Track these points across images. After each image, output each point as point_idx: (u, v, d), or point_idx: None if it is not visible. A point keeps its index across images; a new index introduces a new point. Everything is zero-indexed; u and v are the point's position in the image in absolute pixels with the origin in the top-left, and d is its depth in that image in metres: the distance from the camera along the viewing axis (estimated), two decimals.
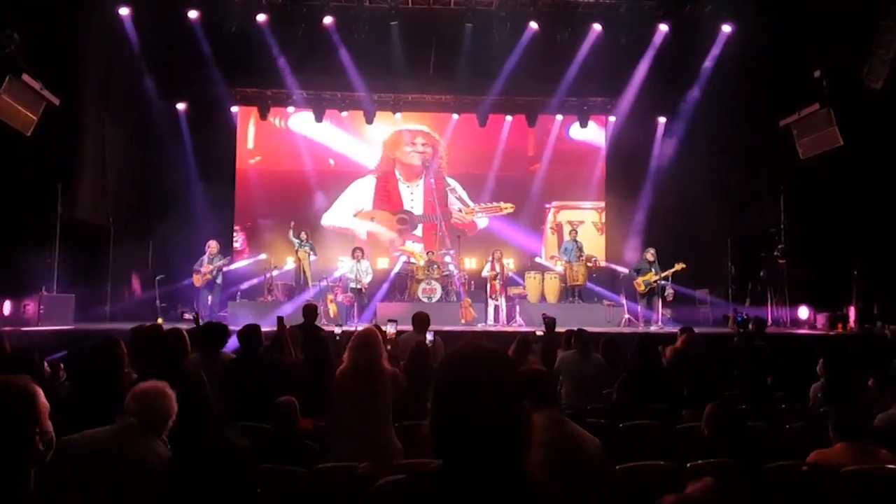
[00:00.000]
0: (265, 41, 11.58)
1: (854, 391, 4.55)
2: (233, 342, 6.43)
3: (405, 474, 1.39)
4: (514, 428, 1.33)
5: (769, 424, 4.08)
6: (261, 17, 11.37)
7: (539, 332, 7.01)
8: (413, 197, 13.86)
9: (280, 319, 5.61)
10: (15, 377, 1.90)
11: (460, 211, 13.82)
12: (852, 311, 10.36)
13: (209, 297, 10.75)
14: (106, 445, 2.44)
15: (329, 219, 13.62)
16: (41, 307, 9.11)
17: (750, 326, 7.46)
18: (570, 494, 2.04)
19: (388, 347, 5.04)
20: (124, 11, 10.96)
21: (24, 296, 9.06)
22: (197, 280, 10.73)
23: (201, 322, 5.86)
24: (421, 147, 13.87)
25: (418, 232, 13.73)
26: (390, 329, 5.87)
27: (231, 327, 5.12)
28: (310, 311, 6.27)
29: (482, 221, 13.84)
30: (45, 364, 4.72)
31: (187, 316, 7.38)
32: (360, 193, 13.80)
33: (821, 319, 10.77)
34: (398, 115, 13.53)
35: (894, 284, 9.91)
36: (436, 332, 6.04)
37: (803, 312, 11.05)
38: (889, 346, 7.90)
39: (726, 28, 11.54)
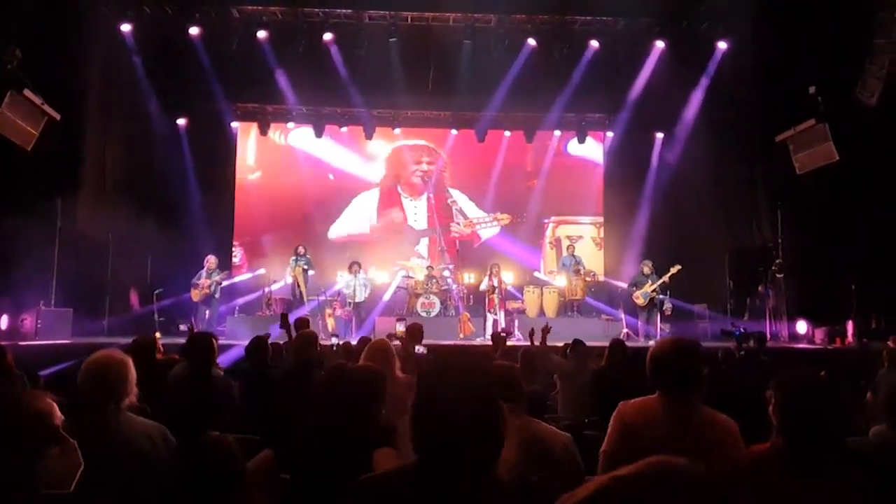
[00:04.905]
0: (265, 57, 11.70)
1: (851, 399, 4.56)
2: (230, 355, 6.44)
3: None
4: (488, 429, 1.39)
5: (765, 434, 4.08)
6: (261, 34, 11.49)
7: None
8: (416, 211, 13.92)
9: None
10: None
11: (458, 224, 13.87)
12: (850, 326, 10.37)
13: (207, 312, 10.76)
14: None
15: (336, 231, 13.67)
16: (39, 321, 9.10)
17: (752, 342, 7.45)
18: (539, 491, 2.09)
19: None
20: (126, 28, 11.08)
21: (22, 310, 9.06)
22: (195, 294, 10.74)
23: None
24: (426, 166, 13.96)
25: (422, 247, 13.77)
26: (399, 328, 5.92)
27: (230, 342, 5.15)
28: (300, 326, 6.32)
29: (486, 232, 13.89)
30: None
31: (183, 328, 7.39)
32: (365, 207, 13.86)
33: (819, 334, 10.76)
34: (397, 130, 13.61)
35: (892, 299, 9.93)
36: (429, 347, 6.06)
37: (801, 327, 11.04)
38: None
39: (722, 45, 11.65)
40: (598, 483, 0.93)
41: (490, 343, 9.95)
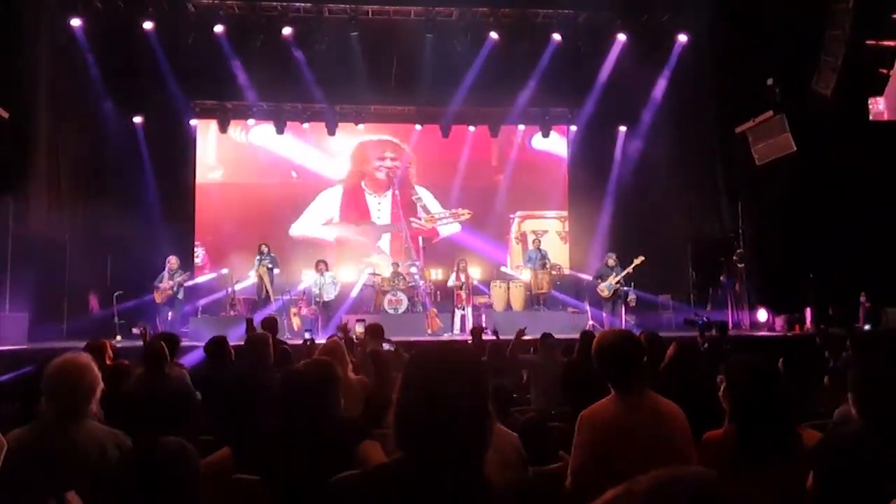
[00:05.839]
0: (223, 53, 11.41)
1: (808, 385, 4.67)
2: (193, 356, 6.30)
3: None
4: (478, 425, 1.34)
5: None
6: (218, 29, 11.21)
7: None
8: (380, 208, 13.80)
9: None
10: None
11: (419, 220, 13.79)
12: (808, 313, 10.66)
13: (170, 313, 10.52)
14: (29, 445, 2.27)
15: (298, 229, 13.46)
16: None
17: (714, 331, 7.57)
18: (525, 490, 2.06)
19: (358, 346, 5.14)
20: (76, 22, 10.71)
21: None
22: (157, 296, 10.49)
23: (149, 337, 5.75)
24: (390, 162, 13.82)
25: (384, 243, 13.66)
26: (359, 328, 5.84)
27: (193, 343, 5.04)
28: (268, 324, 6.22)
29: (446, 229, 13.82)
30: None
31: (135, 331, 7.16)
32: (328, 204, 13.67)
33: (779, 322, 11.05)
34: (361, 126, 13.45)
35: (848, 285, 10.22)
36: (396, 343, 6.03)
37: (762, 315, 11.32)
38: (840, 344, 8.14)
39: (682, 37, 11.80)
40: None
41: (459, 338, 9.96)
